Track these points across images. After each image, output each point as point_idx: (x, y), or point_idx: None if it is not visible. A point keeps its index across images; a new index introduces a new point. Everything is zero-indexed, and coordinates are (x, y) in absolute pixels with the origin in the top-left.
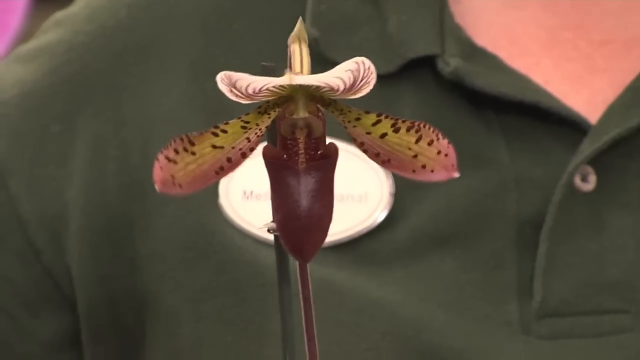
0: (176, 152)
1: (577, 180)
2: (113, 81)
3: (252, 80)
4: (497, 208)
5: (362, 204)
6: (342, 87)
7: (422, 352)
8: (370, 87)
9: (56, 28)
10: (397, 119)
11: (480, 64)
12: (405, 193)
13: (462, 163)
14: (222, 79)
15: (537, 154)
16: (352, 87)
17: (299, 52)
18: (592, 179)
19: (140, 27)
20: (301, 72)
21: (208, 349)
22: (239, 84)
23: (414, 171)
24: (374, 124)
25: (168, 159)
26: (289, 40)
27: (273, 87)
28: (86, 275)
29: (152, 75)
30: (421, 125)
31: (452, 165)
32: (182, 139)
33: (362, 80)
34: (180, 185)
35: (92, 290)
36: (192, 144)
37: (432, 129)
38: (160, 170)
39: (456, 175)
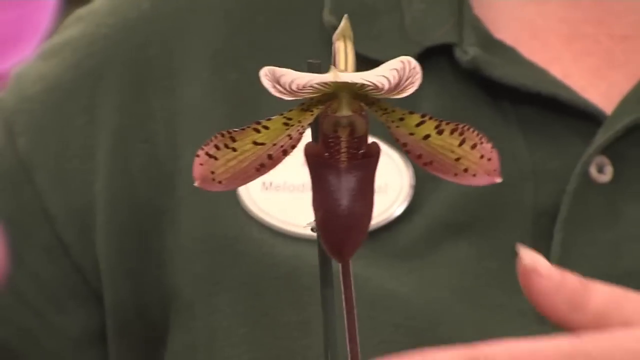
0: (217, 148)
1: (593, 172)
2: (137, 74)
3: (296, 76)
4: (514, 198)
5: (382, 195)
6: (386, 86)
7: (436, 345)
8: (415, 86)
9: (78, 23)
10: (440, 121)
11: (498, 55)
12: (424, 183)
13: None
14: (266, 75)
15: (554, 146)
16: (396, 87)
17: (343, 50)
18: (609, 170)
19: (163, 18)
20: (345, 69)
21: (222, 342)
22: (282, 80)
23: (456, 174)
24: (418, 125)
25: (209, 155)
26: (334, 37)
27: (317, 84)
28: (113, 268)
29: (175, 67)
30: (465, 128)
31: (495, 170)
32: (223, 135)
33: (407, 80)
34: (220, 182)
35: (119, 283)
36: (234, 139)
37: (475, 132)
38: (200, 167)
39: (498, 180)
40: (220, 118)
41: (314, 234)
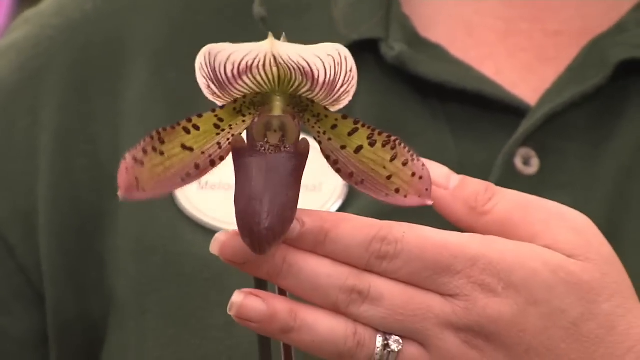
0: (144, 152)
1: (519, 164)
2: (79, 75)
3: (234, 49)
4: None
5: (316, 194)
6: (321, 72)
7: None
8: (350, 96)
9: (24, 25)
10: (373, 130)
11: (423, 52)
12: None
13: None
14: (205, 55)
15: (481, 140)
16: (331, 82)
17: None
18: (535, 162)
19: (105, 19)
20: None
21: (151, 342)
22: (219, 57)
23: (387, 195)
24: (350, 134)
25: (135, 159)
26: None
27: (252, 78)
28: (55, 268)
29: (117, 67)
30: (397, 142)
31: (426, 190)
32: (152, 137)
33: (342, 76)
34: (143, 189)
35: (60, 283)
36: (162, 142)
37: (407, 148)
38: (125, 172)
39: (429, 202)
40: (160, 118)
41: None
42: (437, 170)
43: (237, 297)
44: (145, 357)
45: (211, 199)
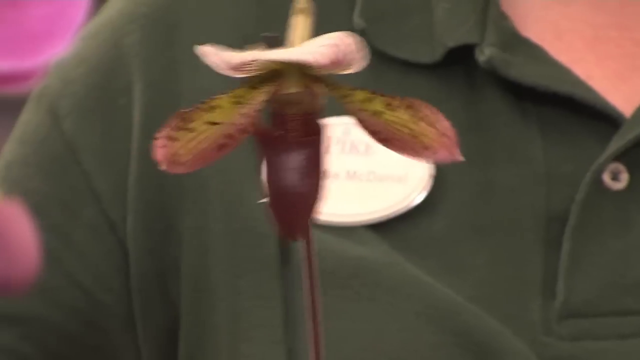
0: (175, 130)
1: (607, 179)
2: (171, 52)
3: (229, 57)
4: (527, 202)
5: (401, 184)
6: (323, 63)
7: (457, 334)
8: (358, 64)
9: (117, 2)
10: (391, 97)
11: (521, 54)
12: (447, 176)
13: (497, 154)
14: (204, 55)
15: (571, 148)
16: (335, 64)
17: (300, 25)
18: (624, 177)
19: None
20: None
21: (245, 323)
22: (215, 60)
23: (416, 152)
24: (367, 101)
25: (168, 137)
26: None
27: (258, 60)
28: (139, 247)
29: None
30: (418, 104)
31: (454, 147)
32: (177, 117)
33: (346, 57)
34: (183, 163)
35: (143, 263)
36: (188, 120)
37: (429, 108)
38: (161, 150)
39: (459, 158)
40: None
41: (337, 222)
42: None
43: None
44: (239, 337)
45: None
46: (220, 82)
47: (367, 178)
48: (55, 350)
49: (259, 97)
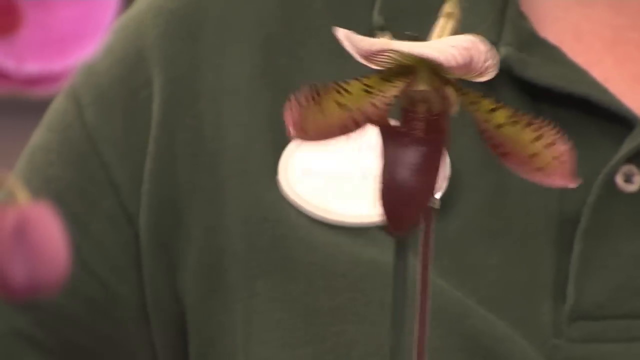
0: (306, 99)
1: (620, 181)
2: (194, 50)
3: (359, 40)
4: (540, 205)
5: None
6: (453, 64)
7: (465, 337)
8: (492, 71)
9: None
10: (516, 111)
11: (538, 54)
12: (461, 178)
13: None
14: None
15: (585, 150)
16: (467, 68)
17: (441, 27)
18: (637, 179)
19: None
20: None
21: (258, 326)
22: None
23: (530, 172)
24: (492, 111)
25: (299, 103)
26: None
27: (392, 52)
28: (149, 241)
29: (228, 45)
30: (542, 124)
31: (569, 173)
32: (310, 88)
33: (480, 62)
34: (308, 133)
35: (153, 257)
36: (320, 95)
37: (550, 129)
38: (291, 114)
39: (573, 184)
40: (266, 102)
41: (350, 222)
42: None
43: None
44: (252, 339)
45: (314, 187)
46: (244, 84)
47: None
48: (69, 339)
49: (391, 91)
